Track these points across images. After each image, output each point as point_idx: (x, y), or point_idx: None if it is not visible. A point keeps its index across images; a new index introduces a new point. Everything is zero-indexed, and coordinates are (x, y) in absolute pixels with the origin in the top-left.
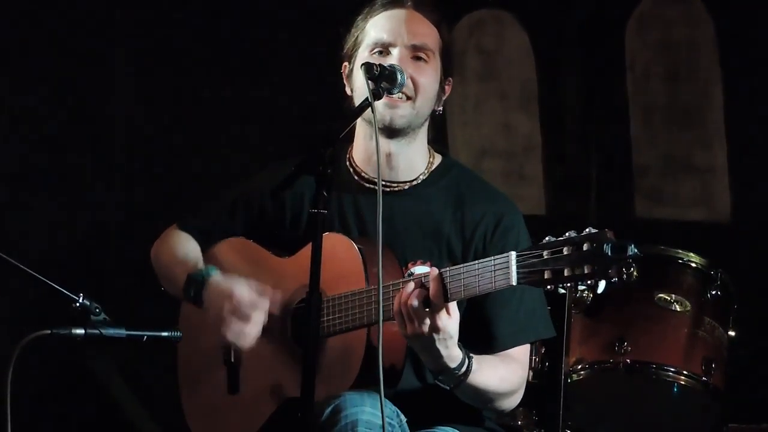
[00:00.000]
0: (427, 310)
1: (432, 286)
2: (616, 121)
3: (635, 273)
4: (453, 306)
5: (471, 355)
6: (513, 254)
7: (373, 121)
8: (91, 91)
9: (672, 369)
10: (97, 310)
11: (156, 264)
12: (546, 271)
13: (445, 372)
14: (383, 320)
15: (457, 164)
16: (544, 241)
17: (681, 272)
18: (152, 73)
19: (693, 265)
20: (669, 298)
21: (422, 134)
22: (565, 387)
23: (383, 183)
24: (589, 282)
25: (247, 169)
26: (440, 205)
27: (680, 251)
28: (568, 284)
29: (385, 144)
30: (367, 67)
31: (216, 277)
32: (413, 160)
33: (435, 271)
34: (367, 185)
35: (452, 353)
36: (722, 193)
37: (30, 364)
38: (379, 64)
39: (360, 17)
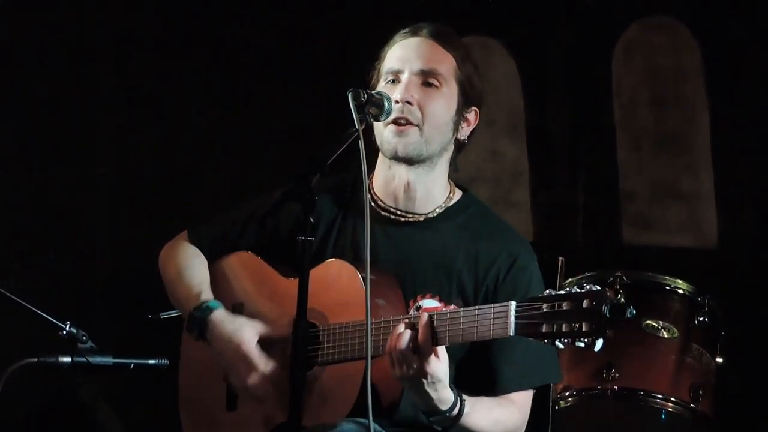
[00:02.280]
0: (416, 354)
1: (420, 332)
2: (603, 147)
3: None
4: (441, 350)
5: (464, 397)
6: (513, 304)
7: (385, 145)
8: (79, 121)
9: (660, 396)
10: (84, 338)
11: (162, 274)
12: (544, 325)
13: (436, 413)
14: (379, 354)
15: (477, 201)
16: (544, 294)
17: (668, 299)
18: (139, 97)
19: (680, 291)
20: (656, 325)
21: (442, 165)
22: (553, 414)
23: (400, 213)
24: (586, 340)
25: (238, 196)
26: (455, 241)
27: (667, 278)
28: (565, 339)
29: (404, 172)
30: (354, 93)
31: (219, 315)
32: (432, 191)
33: (425, 316)
34: (384, 214)
35: (442, 396)
36: (709, 219)
37: (17, 392)
38: (366, 91)
39: (382, 49)
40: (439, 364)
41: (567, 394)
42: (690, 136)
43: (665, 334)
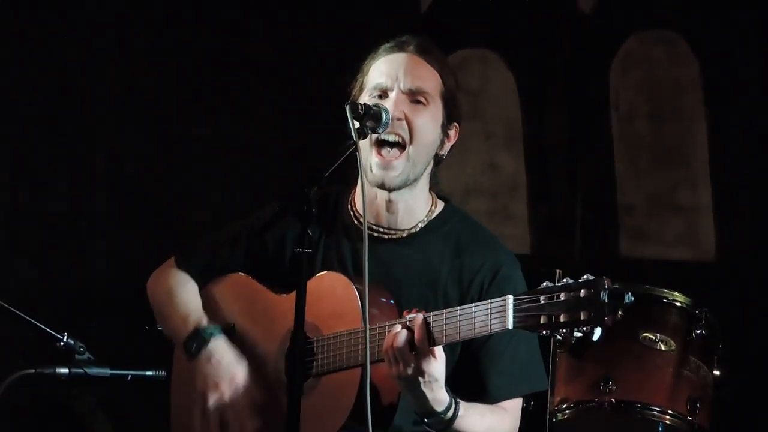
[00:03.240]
0: (414, 353)
1: (417, 331)
2: (600, 160)
3: (620, 312)
4: (439, 350)
5: (458, 400)
6: (510, 298)
7: (365, 169)
8: (75, 134)
9: (657, 408)
10: (82, 349)
11: (152, 301)
12: (542, 316)
13: (431, 415)
14: (375, 361)
15: (459, 212)
16: (541, 287)
17: (666, 311)
18: (136, 107)
19: (678, 304)
20: (654, 338)
21: (423, 181)
22: (551, 426)
23: (382, 230)
24: (585, 328)
25: (236, 208)
26: (439, 253)
27: (665, 290)
28: (564, 330)
29: (386, 192)
30: (352, 106)
31: (219, 342)
32: (413, 207)
33: (420, 316)
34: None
35: (438, 396)
36: (707, 232)
37: (14, 403)
38: (364, 104)
39: (365, 62)
40: (436, 363)
41: (564, 406)
42: (688, 149)
43: (663, 347)
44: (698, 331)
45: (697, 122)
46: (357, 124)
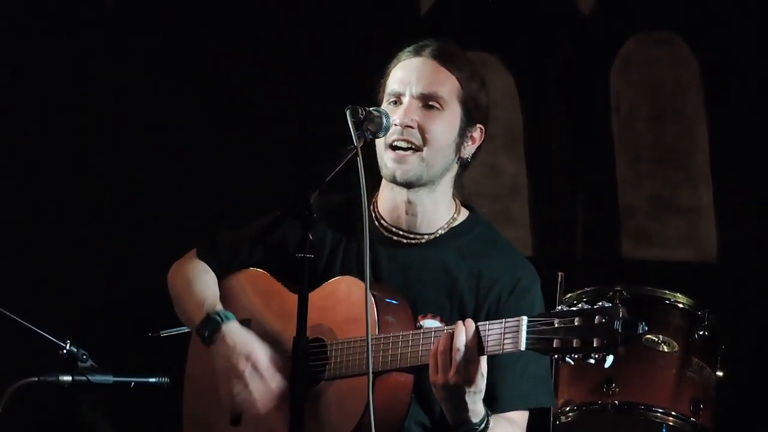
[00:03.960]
0: (464, 360)
1: (470, 339)
2: (601, 161)
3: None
4: (484, 362)
5: (490, 413)
6: (525, 319)
7: (383, 169)
8: (77, 139)
9: (660, 410)
10: (85, 357)
11: (172, 290)
12: (555, 340)
13: (465, 425)
14: (387, 369)
15: (483, 222)
16: (556, 310)
17: (668, 313)
18: (140, 115)
19: (680, 305)
20: (656, 339)
21: (445, 185)
22: (554, 429)
23: (402, 233)
24: (597, 356)
25: (240, 214)
26: (458, 262)
27: (667, 292)
28: (576, 356)
29: (405, 194)
30: (352, 110)
31: (233, 325)
32: (434, 212)
33: (472, 324)
34: (387, 235)
35: (477, 408)
36: (708, 233)
37: (17, 411)
38: (365, 108)
39: (389, 65)
40: (482, 375)
41: (567, 408)
42: (689, 150)
43: (665, 348)
44: (700, 332)
45: (698, 123)
46: (356, 129)
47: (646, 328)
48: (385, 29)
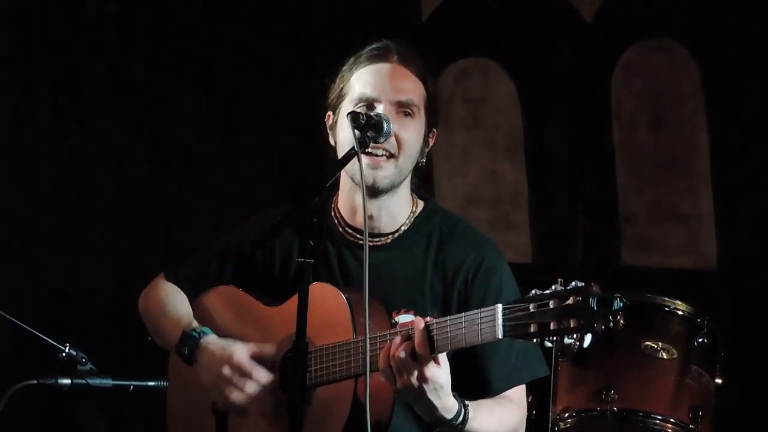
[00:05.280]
0: (416, 361)
1: (417, 338)
2: (602, 169)
3: (621, 321)
4: (442, 356)
5: (466, 402)
6: (499, 307)
7: (358, 174)
8: (74, 143)
9: (659, 417)
10: (84, 360)
11: (144, 315)
12: (532, 325)
13: (442, 424)
14: (370, 371)
15: (440, 209)
16: (530, 295)
17: (668, 320)
18: (138, 124)
19: (680, 312)
20: (656, 346)
21: (404, 186)
22: None
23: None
24: (575, 335)
25: (232, 220)
26: (422, 251)
27: (667, 299)
28: (554, 337)
29: (368, 204)
30: (354, 116)
31: (210, 338)
32: (396, 212)
33: (420, 323)
34: (351, 239)
35: (446, 404)
36: (708, 240)
37: (17, 414)
38: (366, 113)
39: (345, 68)
40: (440, 370)
41: (566, 415)
42: (689, 158)
43: (664, 355)
44: (700, 340)
45: (699, 131)
46: (359, 134)
47: (621, 303)
48: (386, 35)
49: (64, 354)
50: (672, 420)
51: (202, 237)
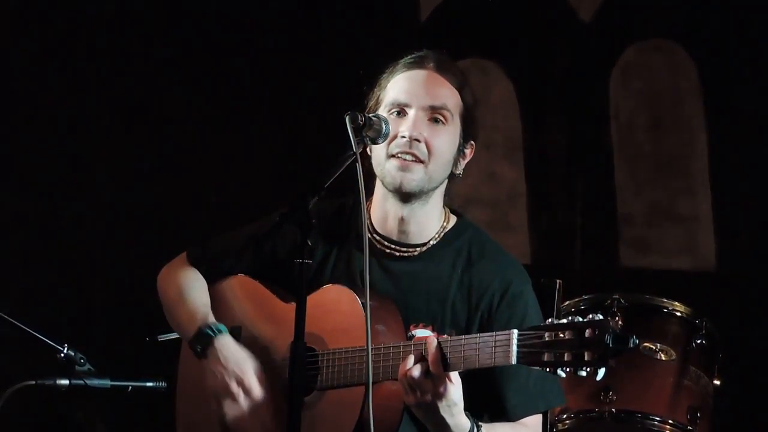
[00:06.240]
0: (428, 379)
1: (431, 357)
2: (600, 169)
3: (620, 322)
4: (455, 374)
5: (480, 423)
6: (515, 332)
7: (388, 176)
8: (76, 143)
9: (657, 418)
10: (82, 360)
11: (162, 296)
12: (546, 353)
13: None
14: (379, 380)
15: (472, 226)
16: (546, 323)
17: (666, 321)
18: (138, 119)
19: (678, 314)
20: (654, 347)
21: (437, 197)
22: None
23: (394, 246)
24: (588, 369)
25: (237, 218)
26: (448, 268)
27: (665, 300)
28: (568, 369)
29: (398, 208)
30: (351, 116)
31: (226, 340)
32: (426, 224)
33: (434, 341)
34: (379, 247)
35: (458, 421)
36: (707, 241)
37: (14, 415)
38: (364, 114)
39: (384, 76)
40: (453, 387)
41: (565, 416)
42: (688, 159)
43: (663, 357)
44: (698, 341)
45: (697, 131)
46: (356, 135)
47: (637, 342)
48: (385, 35)
49: (62, 354)
50: (670, 421)
51: (202, 237)
